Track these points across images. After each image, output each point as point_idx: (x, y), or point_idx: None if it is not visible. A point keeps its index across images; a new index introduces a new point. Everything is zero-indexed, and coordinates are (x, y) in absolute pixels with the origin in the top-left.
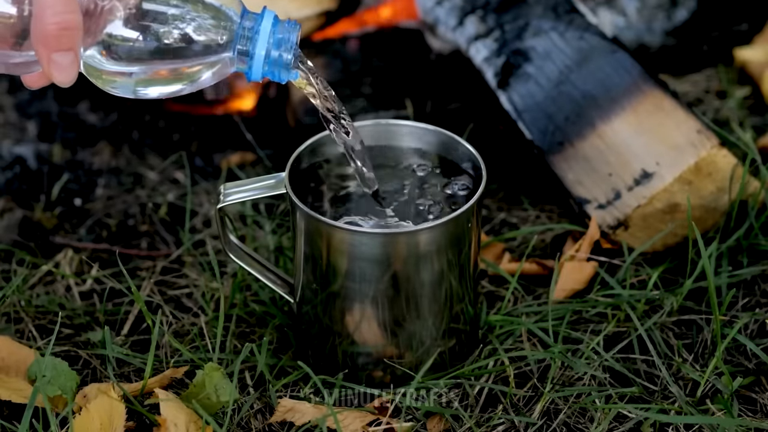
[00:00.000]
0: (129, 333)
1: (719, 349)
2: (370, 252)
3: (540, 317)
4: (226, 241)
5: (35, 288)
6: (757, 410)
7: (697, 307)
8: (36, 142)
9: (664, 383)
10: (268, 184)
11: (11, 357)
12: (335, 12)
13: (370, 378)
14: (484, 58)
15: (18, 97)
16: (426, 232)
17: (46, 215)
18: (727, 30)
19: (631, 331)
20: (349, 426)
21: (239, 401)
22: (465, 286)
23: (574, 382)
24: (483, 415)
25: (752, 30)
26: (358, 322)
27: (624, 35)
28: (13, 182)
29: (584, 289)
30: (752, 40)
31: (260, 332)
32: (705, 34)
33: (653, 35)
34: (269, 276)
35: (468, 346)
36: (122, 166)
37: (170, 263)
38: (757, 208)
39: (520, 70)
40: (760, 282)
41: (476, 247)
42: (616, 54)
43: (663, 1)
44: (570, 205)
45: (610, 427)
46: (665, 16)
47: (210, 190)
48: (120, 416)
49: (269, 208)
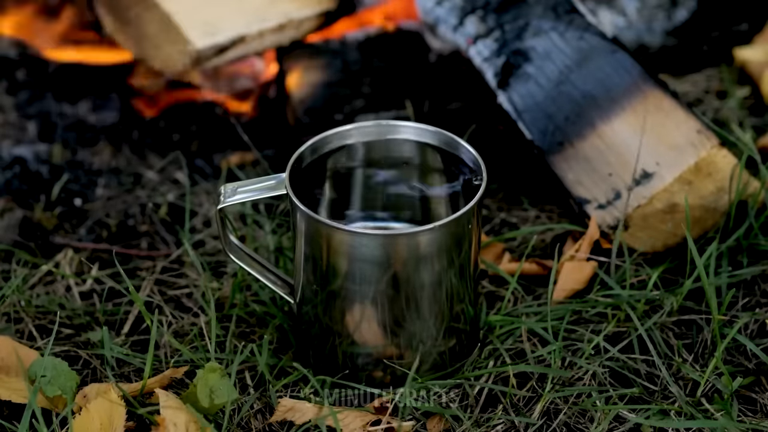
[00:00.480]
0: (129, 333)
1: (719, 349)
2: (370, 253)
3: (540, 317)
4: (227, 242)
5: (35, 288)
6: (757, 410)
7: (697, 307)
8: (36, 142)
9: (664, 383)
10: (268, 185)
11: (11, 357)
12: (335, 12)
13: (370, 378)
14: (484, 58)
15: (18, 97)
16: (426, 233)
17: (46, 215)
18: (727, 30)
19: (631, 331)
20: (349, 425)
21: (239, 401)
22: (465, 287)
23: (574, 382)
24: (483, 416)
25: (752, 30)
26: (358, 323)
27: (624, 35)
28: (13, 182)
29: (584, 289)
30: (752, 40)
31: (260, 332)
32: (705, 34)
33: (653, 35)
34: (269, 276)
35: (468, 346)
36: (122, 166)
37: (170, 263)
38: (756, 208)
39: (520, 70)
40: (760, 282)
41: (476, 248)
42: (616, 54)
43: (663, 1)
44: (570, 205)
45: (610, 427)
46: (665, 16)
47: (210, 190)
48: (120, 416)
49: (269, 208)
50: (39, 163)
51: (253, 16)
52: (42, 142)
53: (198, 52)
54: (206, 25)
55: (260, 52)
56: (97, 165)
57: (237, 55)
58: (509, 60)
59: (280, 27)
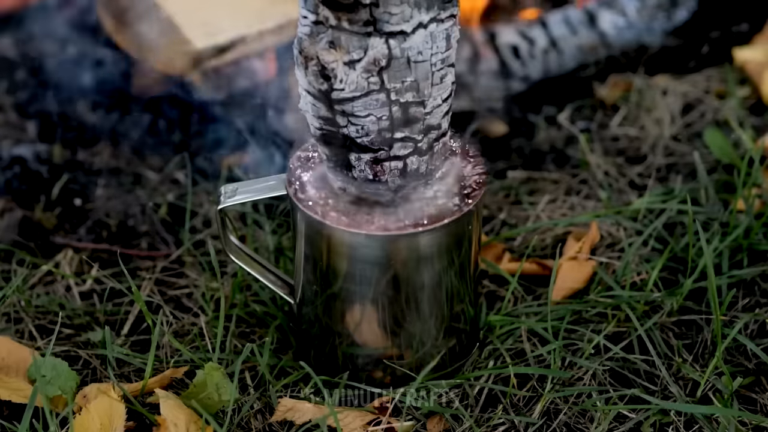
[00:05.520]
0: (129, 333)
1: (719, 349)
2: (370, 254)
3: (540, 317)
4: (227, 242)
5: (35, 288)
6: (757, 410)
7: (697, 307)
8: (36, 142)
9: (664, 383)
10: (268, 185)
11: (11, 357)
12: None
13: (370, 378)
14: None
15: (18, 97)
16: (427, 234)
17: (46, 215)
18: (727, 30)
19: (631, 331)
20: (350, 425)
21: (239, 401)
22: (465, 287)
23: (574, 382)
24: (483, 415)
25: (752, 30)
26: (358, 323)
27: (624, 35)
28: (13, 182)
29: (584, 287)
30: (752, 40)
31: (260, 332)
32: (705, 35)
33: (653, 35)
34: (269, 277)
35: (468, 346)
36: (122, 166)
37: (170, 263)
38: (756, 208)
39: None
40: (760, 282)
41: (476, 248)
42: None
43: (663, 1)
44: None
45: (610, 427)
46: (665, 16)
47: (210, 190)
48: (120, 416)
49: (269, 208)
50: (39, 163)
51: (253, 17)
52: (42, 142)
53: (198, 53)
54: (206, 26)
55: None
56: (97, 165)
57: (237, 56)
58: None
59: (280, 27)
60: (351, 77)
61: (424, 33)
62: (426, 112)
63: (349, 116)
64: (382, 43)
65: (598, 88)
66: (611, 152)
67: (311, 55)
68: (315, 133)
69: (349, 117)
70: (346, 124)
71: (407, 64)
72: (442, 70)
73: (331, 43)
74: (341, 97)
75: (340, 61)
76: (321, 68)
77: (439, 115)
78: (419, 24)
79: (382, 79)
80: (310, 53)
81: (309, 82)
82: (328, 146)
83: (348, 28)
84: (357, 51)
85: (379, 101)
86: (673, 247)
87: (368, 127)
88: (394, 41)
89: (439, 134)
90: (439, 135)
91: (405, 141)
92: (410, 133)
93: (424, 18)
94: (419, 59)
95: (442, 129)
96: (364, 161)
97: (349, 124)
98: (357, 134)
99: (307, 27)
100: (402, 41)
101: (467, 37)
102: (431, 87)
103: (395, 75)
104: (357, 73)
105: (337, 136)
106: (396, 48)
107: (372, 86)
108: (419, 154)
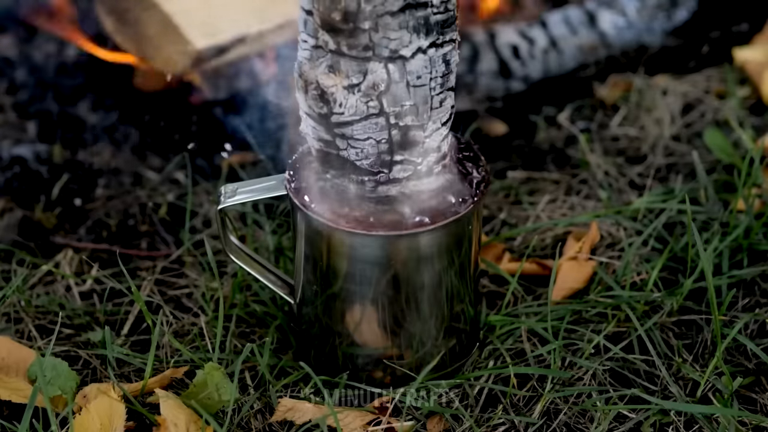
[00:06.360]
0: (129, 333)
1: (719, 349)
2: (370, 254)
3: (540, 317)
4: (227, 242)
5: (35, 288)
6: (757, 410)
7: (697, 308)
8: (36, 142)
9: (664, 383)
10: (269, 185)
11: (11, 357)
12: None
13: (370, 378)
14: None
15: (18, 97)
16: (427, 234)
17: (46, 215)
18: (727, 30)
19: (631, 331)
20: (350, 425)
21: (239, 401)
22: (465, 287)
23: (574, 382)
24: (483, 415)
25: (752, 30)
26: (358, 323)
27: (624, 35)
28: (13, 182)
29: (584, 287)
30: (752, 40)
31: (260, 332)
32: (705, 35)
33: (653, 35)
34: (269, 277)
35: (468, 346)
36: (122, 166)
37: (170, 263)
38: (756, 208)
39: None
40: (760, 282)
41: (476, 248)
42: None
43: (663, 1)
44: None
45: (610, 427)
46: (665, 16)
47: (210, 190)
48: (120, 416)
49: (269, 208)
50: (39, 163)
51: (253, 17)
52: (42, 142)
53: (198, 53)
54: (206, 26)
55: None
56: (97, 165)
57: (237, 56)
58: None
59: (280, 27)
60: (350, 101)
61: (423, 58)
62: (425, 136)
63: (349, 139)
64: (381, 68)
65: (598, 88)
66: (611, 152)
67: (311, 80)
68: (316, 155)
69: (349, 140)
70: (345, 146)
71: (406, 88)
72: (441, 94)
73: (331, 68)
74: (341, 120)
75: (339, 85)
76: (321, 92)
77: (439, 139)
78: (418, 49)
79: (382, 103)
80: (309, 77)
81: (309, 106)
82: (329, 167)
83: (347, 53)
84: (356, 75)
85: (378, 125)
86: (673, 247)
87: (368, 150)
88: (393, 66)
89: (438, 157)
90: (439, 158)
91: (404, 164)
92: (410, 156)
93: (423, 43)
94: (418, 83)
95: (441, 152)
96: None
97: (348, 147)
98: (356, 157)
99: (307, 51)
100: (401, 66)
101: (467, 37)
102: (430, 111)
103: (394, 99)
104: (356, 97)
105: (337, 158)
106: (395, 72)
107: (371, 110)
108: (418, 177)
